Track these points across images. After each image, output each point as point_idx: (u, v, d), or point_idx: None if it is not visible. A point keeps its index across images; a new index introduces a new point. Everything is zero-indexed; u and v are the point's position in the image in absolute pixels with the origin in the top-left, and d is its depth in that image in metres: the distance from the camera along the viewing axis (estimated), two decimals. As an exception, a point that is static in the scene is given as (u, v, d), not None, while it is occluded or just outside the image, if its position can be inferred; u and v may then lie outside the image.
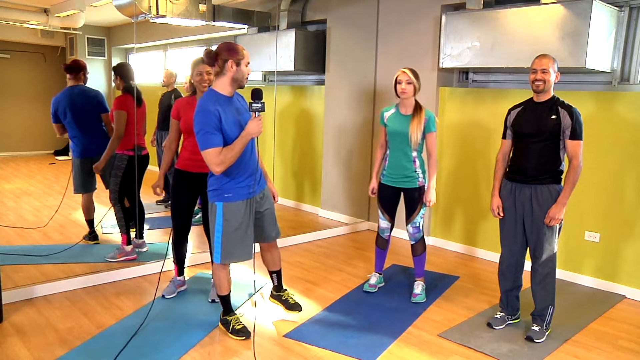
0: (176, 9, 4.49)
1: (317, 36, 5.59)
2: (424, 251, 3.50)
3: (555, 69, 2.83)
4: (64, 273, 3.65)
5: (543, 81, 2.80)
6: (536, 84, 2.82)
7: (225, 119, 2.57)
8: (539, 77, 2.81)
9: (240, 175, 2.71)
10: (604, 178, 3.76)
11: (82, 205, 4.38)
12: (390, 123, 3.41)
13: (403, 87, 3.30)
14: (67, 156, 6.87)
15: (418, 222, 3.43)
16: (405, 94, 3.30)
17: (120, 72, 4.03)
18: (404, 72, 3.32)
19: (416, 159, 3.37)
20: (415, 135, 3.29)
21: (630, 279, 3.69)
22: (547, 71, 2.80)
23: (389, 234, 3.59)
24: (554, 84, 2.87)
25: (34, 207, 5.46)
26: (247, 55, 2.67)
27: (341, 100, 5.50)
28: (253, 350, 2.74)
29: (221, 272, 2.88)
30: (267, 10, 5.69)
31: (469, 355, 2.80)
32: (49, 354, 2.64)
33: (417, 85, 3.34)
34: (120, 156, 3.96)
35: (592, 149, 3.77)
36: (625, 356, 2.84)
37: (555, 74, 2.83)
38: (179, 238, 3.34)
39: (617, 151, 3.69)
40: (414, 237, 3.46)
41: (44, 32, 5.86)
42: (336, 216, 5.63)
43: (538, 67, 2.81)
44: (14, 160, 7.10)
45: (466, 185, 4.60)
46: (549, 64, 2.80)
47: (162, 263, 3.67)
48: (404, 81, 3.30)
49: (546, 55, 2.85)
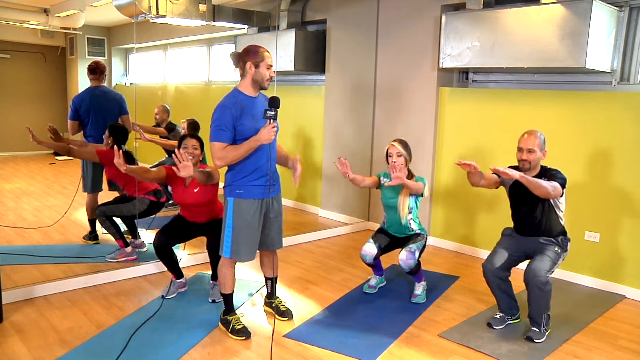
0: (176, 9, 4.49)
1: (317, 36, 5.59)
2: (419, 269, 3.41)
3: (542, 147, 2.91)
4: (64, 273, 3.65)
5: (529, 161, 2.89)
6: (522, 163, 2.92)
7: (241, 120, 2.66)
8: (524, 157, 2.90)
9: (254, 175, 2.77)
10: (603, 178, 3.76)
11: (86, 205, 4.38)
12: (384, 191, 3.47)
13: (394, 160, 3.34)
14: (67, 156, 6.88)
15: (413, 248, 3.31)
16: (397, 167, 3.30)
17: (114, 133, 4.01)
18: (393, 145, 3.36)
19: (411, 221, 3.43)
20: (402, 209, 3.37)
21: (631, 279, 3.69)
22: (533, 151, 2.88)
23: (371, 262, 3.44)
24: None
25: (34, 207, 5.46)
26: (267, 57, 2.70)
27: (341, 100, 5.50)
28: (271, 351, 2.74)
29: (227, 270, 2.90)
30: (267, 10, 5.69)
31: (469, 355, 2.80)
32: (49, 354, 2.64)
33: (408, 157, 3.37)
34: (141, 199, 3.96)
35: (591, 149, 3.77)
36: (625, 356, 2.84)
37: (541, 152, 2.91)
38: (161, 253, 3.33)
39: (616, 151, 3.69)
40: (407, 264, 3.27)
41: (44, 32, 5.87)
42: (336, 216, 5.63)
43: (524, 147, 2.89)
44: (14, 160, 7.10)
45: (466, 185, 4.59)
46: (534, 144, 2.87)
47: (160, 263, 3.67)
48: (394, 154, 3.34)
49: (533, 133, 2.91)
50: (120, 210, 3.98)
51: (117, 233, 3.99)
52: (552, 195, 2.80)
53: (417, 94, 4.81)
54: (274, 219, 2.94)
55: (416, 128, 4.80)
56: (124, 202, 4.00)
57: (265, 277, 3.24)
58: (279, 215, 2.98)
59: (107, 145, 3.97)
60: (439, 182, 4.79)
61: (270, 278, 3.23)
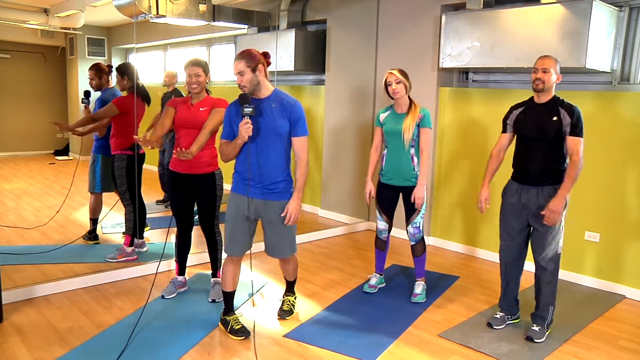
0: (176, 9, 4.49)
1: (317, 36, 5.59)
2: (424, 252, 3.50)
3: (557, 70, 2.84)
4: (64, 273, 3.65)
5: (542, 80, 2.81)
6: (536, 82, 2.83)
7: (234, 119, 2.75)
8: (539, 76, 2.82)
9: (241, 172, 2.82)
10: (604, 178, 3.76)
11: (90, 204, 4.37)
12: (386, 122, 3.42)
13: (394, 87, 3.31)
14: (67, 156, 6.88)
15: (418, 222, 3.42)
16: (397, 94, 3.31)
17: (125, 72, 4.02)
18: (391, 72, 3.34)
19: (414, 156, 3.36)
20: (408, 132, 3.30)
21: (631, 279, 3.69)
22: (548, 71, 2.80)
23: (387, 235, 3.58)
24: (556, 85, 2.87)
25: (34, 207, 5.46)
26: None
27: (341, 100, 5.50)
28: (255, 351, 2.74)
29: (227, 266, 2.92)
30: (267, 10, 5.69)
31: (469, 355, 2.80)
32: (49, 354, 2.64)
33: (408, 84, 3.35)
34: (119, 156, 3.95)
35: (592, 149, 3.77)
36: (625, 356, 2.84)
37: (556, 75, 2.84)
38: (180, 236, 3.38)
39: (617, 151, 3.69)
40: (414, 237, 3.46)
41: (44, 32, 5.87)
42: (336, 216, 5.63)
43: (539, 67, 2.82)
44: (14, 160, 7.10)
45: (466, 185, 4.60)
46: (550, 64, 2.81)
47: (160, 263, 3.68)
48: (393, 82, 3.32)
49: (549, 56, 2.86)
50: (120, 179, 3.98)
51: (131, 227, 4.00)
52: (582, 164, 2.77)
53: (417, 93, 4.80)
54: (271, 225, 2.85)
55: (416, 128, 4.80)
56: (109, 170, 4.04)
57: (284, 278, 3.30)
58: (279, 223, 2.81)
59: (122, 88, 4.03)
60: (439, 182, 4.79)
61: (286, 279, 3.28)
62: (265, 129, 2.71)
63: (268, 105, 2.72)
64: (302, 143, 2.77)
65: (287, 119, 2.73)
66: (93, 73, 4.21)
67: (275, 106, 2.73)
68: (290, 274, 3.21)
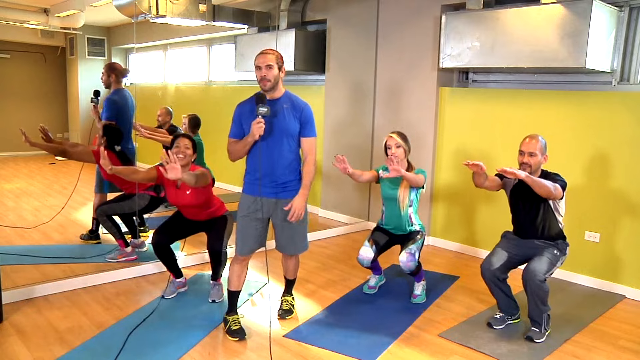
0: (176, 9, 4.49)
1: (317, 36, 5.59)
2: (420, 270, 3.42)
3: (543, 151, 2.91)
4: (64, 273, 3.65)
5: (529, 165, 2.89)
6: (523, 166, 2.92)
7: (245, 118, 2.76)
8: (525, 160, 2.91)
9: (252, 172, 2.83)
10: (604, 178, 3.76)
11: (94, 204, 4.37)
12: (383, 184, 3.46)
13: (393, 151, 3.33)
14: (62, 157, 6.87)
15: (414, 249, 3.30)
16: (397, 158, 3.29)
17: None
18: (391, 136, 3.36)
19: (412, 214, 3.42)
20: (402, 201, 3.36)
21: (630, 279, 3.69)
22: (535, 154, 2.89)
23: (368, 265, 3.44)
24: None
25: (34, 207, 5.46)
26: (255, 60, 2.75)
27: (341, 100, 5.50)
28: (270, 352, 2.74)
29: (233, 265, 2.93)
30: (267, 10, 5.69)
31: (469, 355, 2.80)
32: (49, 354, 2.64)
33: (407, 148, 3.37)
34: (142, 195, 3.95)
35: (591, 149, 3.77)
36: (625, 356, 2.84)
37: (542, 156, 2.92)
38: (158, 251, 3.33)
39: (616, 151, 3.69)
40: (407, 266, 3.27)
41: (44, 32, 5.86)
42: (336, 216, 5.62)
43: (526, 150, 2.91)
44: (14, 160, 7.09)
45: (466, 185, 4.59)
46: (536, 147, 2.88)
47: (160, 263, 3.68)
48: (393, 145, 3.34)
49: (534, 137, 2.93)
50: (122, 208, 3.98)
51: (117, 233, 3.99)
52: (554, 195, 2.80)
53: (417, 93, 4.81)
54: (283, 223, 2.86)
55: (416, 128, 4.80)
56: (124, 199, 3.99)
57: (284, 276, 3.28)
58: (286, 221, 2.83)
59: (100, 145, 3.96)
60: (439, 182, 4.79)
61: (287, 278, 3.27)
62: (277, 128, 2.75)
63: (280, 106, 2.77)
64: (311, 143, 2.84)
65: (298, 120, 2.79)
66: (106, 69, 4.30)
67: (287, 107, 2.78)
68: (291, 271, 3.21)
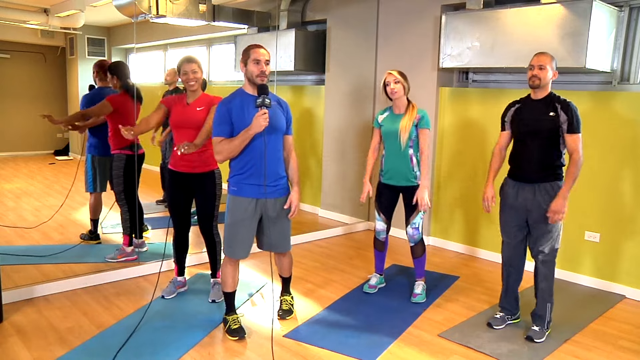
0: (176, 9, 4.49)
1: (317, 36, 5.59)
2: (424, 253, 3.50)
3: (553, 67, 2.85)
4: (64, 273, 3.65)
5: (539, 77, 2.82)
6: (532, 79, 2.85)
7: (238, 114, 2.70)
8: (535, 72, 2.84)
9: (250, 173, 2.76)
10: (604, 178, 3.76)
11: (90, 204, 4.38)
12: (384, 124, 3.43)
13: (392, 87, 3.32)
14: (67, 156, 6.88)
15: (417, 222, 3.42)
16: (396, 94, 3.31)
17: (116, 71, 4.02)
18: (390, 73, 3.35)
19: (413, 156, 3.36)
20: (404, 132, 3.30)
21: (630, 279, 3.69)
22: (544, 67, 2.81)
23: (385, 235, 3.58)
24: (552, 82, 2.88)
25: (34, 207, 5.46)
26: (254, 53, 2.71)
27: (341, 100, 5.50)
28: (272, 352, 2.74)
29: (226, 267, 2.92)
30: (267, 10, 5.69)
31: (469, 355, 2.80)
32: (49, 354, 2.64)
33: (406, 85, 3.36)
34: (117, 156, 3.94)
35: (591, 148, 3.77)
36: (625, 356, 2.84)
37: (552, 72, 2.85)
38: (178, 237, 3.37)
39: (616, 151, 3.69)
40: (413, 238, 3.45)
41: (44, 32, 5.86)
42: (336, 216, 5.62)
43: (535, 64, 2.85)
44: (14, 160, 7.10)
45: (466, 185, 4.60)
46: (546, 61, 2.82)
47: (160, 263, 3.68)
48: (391, 82, 3.32)
49: (545, 53, 2.87)
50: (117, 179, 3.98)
51: (129, 227, 4.01)
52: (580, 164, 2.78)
53: (417, 93, 4.81)
54: (274, 220, 2.88)
55: (416, 128, 4.80)
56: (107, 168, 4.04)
57: (279, 275, 3.28)
58: (282, 218, 2.89)
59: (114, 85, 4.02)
60: (439, 181, 4.79)
61: (282, 277, 3.26)
62: (273, 124, 2.72)
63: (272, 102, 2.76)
64: (292, 141, 2.94)
65: (284, 117, 2.84)
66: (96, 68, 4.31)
67: (275, 103, 2.79)
68: (285, 269, 3.20)
